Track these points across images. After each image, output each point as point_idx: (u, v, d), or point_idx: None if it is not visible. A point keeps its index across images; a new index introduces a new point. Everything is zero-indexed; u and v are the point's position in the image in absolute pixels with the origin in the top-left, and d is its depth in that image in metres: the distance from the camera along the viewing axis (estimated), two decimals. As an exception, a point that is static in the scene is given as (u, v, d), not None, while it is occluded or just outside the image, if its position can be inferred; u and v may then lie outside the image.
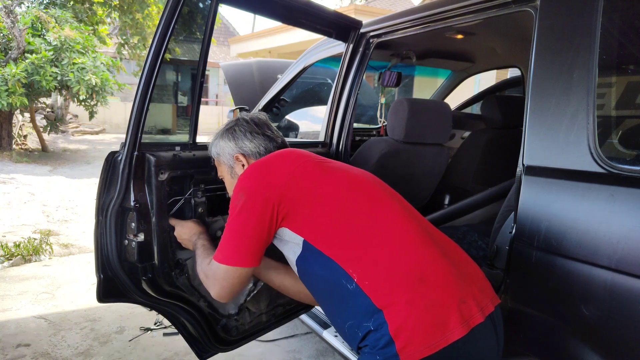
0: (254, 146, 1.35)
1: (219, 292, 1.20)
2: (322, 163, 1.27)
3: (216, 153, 1.41)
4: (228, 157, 1.38)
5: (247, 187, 1.19)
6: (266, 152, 1.35)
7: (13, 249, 3.98)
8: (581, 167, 1.17)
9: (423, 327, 0.97)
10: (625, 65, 1.34)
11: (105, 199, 1.42)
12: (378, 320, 1.00)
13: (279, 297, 1.91)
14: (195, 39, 16.69)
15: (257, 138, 1.36)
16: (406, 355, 0.96)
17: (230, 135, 1.38)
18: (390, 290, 1.02)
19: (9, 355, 2.46)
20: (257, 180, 1.19)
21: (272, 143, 1.37)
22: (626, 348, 1.07)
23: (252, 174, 1.22)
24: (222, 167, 1.42)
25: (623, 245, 1.05)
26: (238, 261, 1.17)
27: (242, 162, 1.36)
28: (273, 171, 1.20)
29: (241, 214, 1.17)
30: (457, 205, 2.37)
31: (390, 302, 1.00)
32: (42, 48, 8.38)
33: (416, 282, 1.02)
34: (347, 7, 13.71)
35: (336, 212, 1.14)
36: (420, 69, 3.91)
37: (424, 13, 1.87)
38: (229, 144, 1.37)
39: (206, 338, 1.68)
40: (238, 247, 1.17)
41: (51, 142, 11.60)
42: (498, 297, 1.16)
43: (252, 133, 1.36)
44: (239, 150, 1.36)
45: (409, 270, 1.04)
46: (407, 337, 0.96)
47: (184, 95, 20.94)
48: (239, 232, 1.17)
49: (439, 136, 2.44)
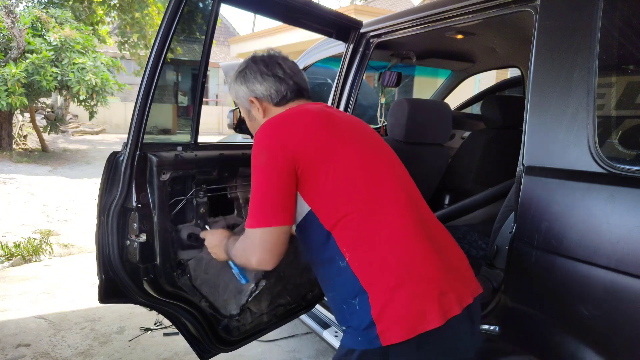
0: (264, 89, 1.30)
1: (261, 258, 1.13)
2: (342, 134, 1.21)
3: (234, 96, 1.38)
4: (243, 101, 1.35)
5: (266, 145, 1.15)
6: (277, 94, 1.30)
7: (13, 249, 3.98)
8: (581, 167, 1.17)
9: (403, 315, 1.05)
10: (625, 65, 1.35)
11: (107, 199, 1.43)
12: (363, 301, 1.07)
13: (279, 298, 1.92)
14: (197, 39, 16.67)
15: (267, 80, 1.30)
16: (385, 337, 1.04)
17: (242, 79, 1.33)
18: (378, 276, 1.08)
19: (9, 355, 2.46)
20: (277, 139, 1.15)
21: (283, 85, 1.30)
22: (626, 348, 1.08)
23: (271, 132, 1.17)
24: (242, 109, 1.40)
25: (623, 245, 1.05)
26: (274, 220, 1.11)
27: (256, 105, 1.32)
28: (293, 131, 1.16)
29: (264, 173, 1.13)
30: (457, 205, 2.37)
31: (377, 288, 1.07)
32: (42, 48, 8.37)
33: (403, 274, 1.07)
34: (347, 7, 13.71)
35: (343, 188, 1.13)
36: (420, 69, 3.91)
37: (424, 13, 1.87)
38: (242, 87, 1.33)
39: (207, 338, 1.68)
40: (268, 207, 1.12)
41: (51, 142, 11.60)
42: (481, 287, 1.21)
43: (262, 75, 1.30)
44: (251, 93, 1.32)
45: (399, 260, 1.09)
46: (388, 322, 1.04)
47: (185, 96, 20.98)
48: (267, 190, 1.12)
49: (439, 136, 2.44)
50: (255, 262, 1.14)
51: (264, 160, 1.13)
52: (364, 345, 1.07)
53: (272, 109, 1.32)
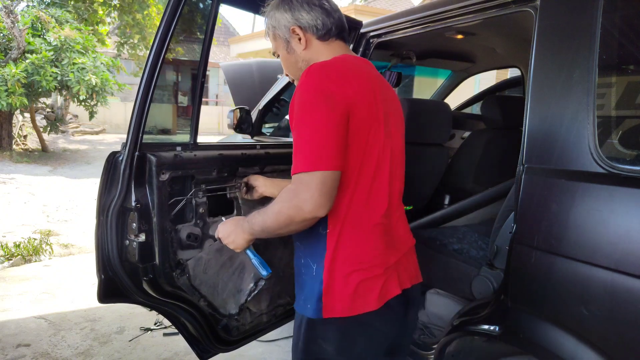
0: (311, 18, 1.22)
1: (318, 202, 1.03)
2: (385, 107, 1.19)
3: (272, 26, 1.28)
4: (284, 30, 1.25)
5: (327, 86, 1.07)
6: (323, 27, 1.23)
7: (13, 249, 3.98)
8: (581, 167, 1.17)
9: (349, 294, 1.13)
10: (625, 65, 1.35)
11: (107, 199, 1.43)
12: (318, 272, 1.15)
13: (279, 297, 1.92)
14: (196, 39, 16.59)
15: (314, 10, 1.23)
16: (327, 311, 1.14)
17: (286, 6, 1.24)
18: (344, 258, 1.14)
19: (9, 355, 2.46)
20: (339, 85, 1.08)
21: (329, 18, 1.24)
22: (626, 348, 1.08)
23: (333, 76, 1.09)
24: (278, 41, 1.29)
25: (623, 245, 1.05)
26: (334, 163, 1.04)
27: (298, 35, 1.24)
28: (354, 85, 1.10)
29: (329, 115, 1.05)
30: (457, 205, 2.37)
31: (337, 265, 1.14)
32: (42, 48, 8.37)
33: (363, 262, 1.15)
34: (347, 7, 13.69)
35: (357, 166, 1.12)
36: (420, 69, 3.91)
37: (424, 13, 1.87)
38: (285, 15, 1.24)
39: (207, 338, 1.68)
40: (328, 149, 1.04)
41: (51, 142, 11.60)
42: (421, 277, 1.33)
43: (310, 4, 1.23)
44: (295, 22, 1.23)
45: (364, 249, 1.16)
46: (334, 298, 1.13)
47: (184, 96, 20.98)
48: (329, 133, 1.05)
49: (439, 136, 2.44)
50: (311, 207, 1.04)
51: (323, 103, 1.05)
52: (311, 314, 1.16)
53: (314, 43, 1.25)
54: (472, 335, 1.50)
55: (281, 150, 1.88)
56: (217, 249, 1.65)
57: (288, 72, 1.34)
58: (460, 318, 1.56)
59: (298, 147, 1.07)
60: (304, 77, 1.11)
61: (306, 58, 1.25)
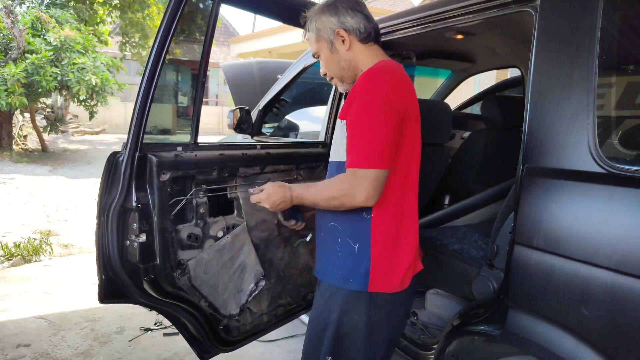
0: (355, 22, 1.35)
1: (370, 195, 1.21)
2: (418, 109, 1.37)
3: (316, 28, 1.40)
4: (329, 32, 1.37)
5: (388, 93, 1.23)
6: (365, 31, 1.36)
7: (13, 249, 3.98)
8: (581, 167, 1.17)
9: (392, 273, 1.30)
10: (625, 65, 1.35)
11: (107, 200, 1.43)
12: (364, 250, 1.29)
13: (280, 298, 1.92)
14: (196, 39, 16.57)
15: (357, 15, 1.36)
16: (374, 285, 1.28)
17: (332, 10, 1.37)
18: (386, 239, 1.29)
19: (9, 355, 2.46)
20: (398, 93, 1.25)
21: (370, 23, 1.38)
22: (626, 348, 1.08)
23: (395, 85, 1.26)
24: (321, 43, 1.41)
25: (623, 246, 1.05)
26: (386, 163, 1.22)
27: (342, 37, 1.36)
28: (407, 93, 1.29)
29: (387, 116, 1.21)
30: (457, 205, 2.37)
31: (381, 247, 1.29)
32: (42, 48, 8.38)
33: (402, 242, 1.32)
34: (347, 7, 13.68)
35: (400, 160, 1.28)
36: (420, 69, 3.91)
37: (424, 13, 1.87)
38: (331, 18, 1.37)
39: (207, 339, 1.68)
40: (385, 150, 1.21)
41: (51, 142, 11.60)
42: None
43: (354, 9, 1.37)
44: (340, 25, 1.36)
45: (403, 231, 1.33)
46: (379, 275, 1.28)
47: (184, 96, 20.98)
48: (385, 136, 1.21)
49: (439, 136, 2.44)
50: (363, 199, 1.22)
51: (388, 107, 1.21)
52: (353, 286, 1.28)
53: (357, 45, 1.38)
54: (472, 336, 1.51)
55: (282, 150, 1.87)
56: (218, 249, 1.65)
57: (328, 71, 1.45)
58: (460, 318, 1.56)
59: (357, 144, 1.22)
60: (366, 80, 1.26)
61: (349, 58, 1.38)
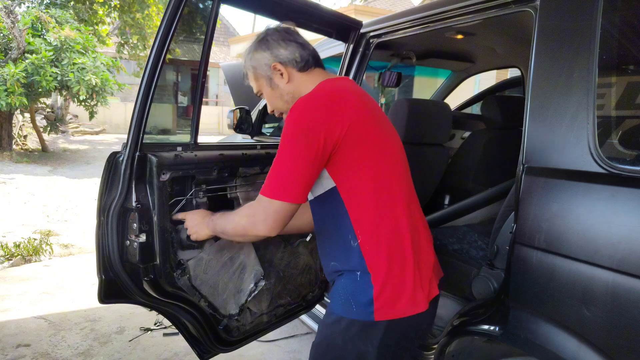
0: (289, 53, 1.31)
1: (271, 227, 1.16)
2: (377, 117, 1.27)
3: (252, 67, 1.36)
4: (265, 68, 1.33)
5: (311, 121, 1.14)
6: (302, 59, 1.31)
7: (13, 249, 3.98)
8: (581, 167, 1.17)
9: (398, 297, 1.19)
10: (625, 65, 1.35)
11: (107, 200, 1.43)
12: (364, 279, 1.19)
13: (279, 298, 1.92)
14: (196, 39, 16.58)
15: (290, 45, 1.32)
16: (380, 314, 1.17)
17: (264, 46, 1.33)
18: (383, 261, 1.19)
19: (9, 356, 2.46)
20: (324, 117, 1.15)
21: (305, 50, 1.33)
22: (627, 349, 1.08)
23: (317, 109, 1.17)
24: (260, 80, 1.37)
25: (624, 246, 1.05)
26: (294, 197, 1.14)
27: (280, 70, 1.32)
28: (339, 110, 1.17)
29: (303, 150, 1.13)
30: (457, 205, 2.37)
31: (380, 271, 1.18)
32: (42, 48, 8.37)
33: (403, 260, 1.20)
34: (346, 7, 13.71)
35: (371, 173, 1.20)
36: (420, 69, 3.91)
37: (424, 13, 1.87)
38: (264, 54, 1.32)
39: (207, 339, 1.68)
40: (295, 183, 1.14)
41: (51, 142, 11.60)
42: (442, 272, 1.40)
43: (285, 40, 1.32)
44: (275, 59, 1.31)
45: (400, 250, 1.21)
46: (385, 301, 1.17)
47: (184, 96, 20.98)
48: (298, 167, 1.14)
49: (439, 136, 2.44)
50: (262, 230, 1.18)
51: (305, 139, 1.13)
52: (357, 316, 1.19)
53: (296, 75, 1.33)
54: (472, 336, 1.50)
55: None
56: (218, 249, 1.65)
57: (274, 108, 1.40)
58: (460, 318, 1.56)
59: (270, 173, 1.17)
60: (290, 112, 1.18)
61: (290, 90, 1.32)
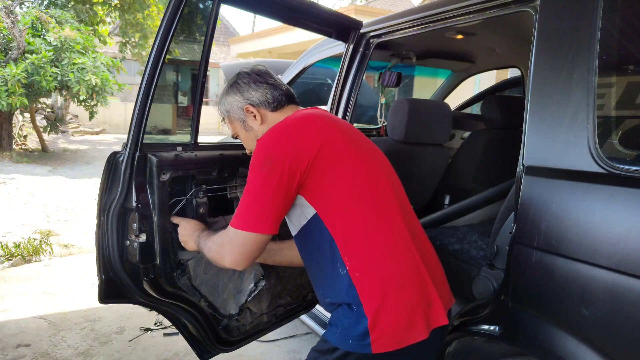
0: (260, 95, 1.33)
1: (236, 259, 1.15)
2: (349, 136, 1.25)
3: (225, 111, 1.39)
4: (238, 112, 1.36)
5: (274, 149, 1.14)
6: (274, 100, 1.33)
7: (13, 249, 3.98)
8: (581, 167, 1.17)
9: (396, 326, 1.10)
10: (625, 65, 1.35)
11: (107, 200, 1.43)
12: (358, 309, 1.11)
13: (279, 298, 1.92)
14: (197, 39, 16.59)
15: (261, 87, 1.34)
16: (377, 346, 1.08)
17: (235, 89, 1.36)
18: (375, 289, 1.11)
19: (9, 356, 2.46)
20: (287, 144, 1.14)
21: (277, 91, 1.35)
22: (627, 349, 1.08)
23: (280, 136, 1.17)
24: (235, 123, 1.40)
25: (623, 246, 1.05)
26: (259, 227, 1.12)
27: (252, 112, 1.34)
28: (304, 136, 1.16)
29: (267, 178, 1.11)
30: (457, 205, 2.37)
31: (372, 299, 1.10)
32: (42, 48, 8.37)
33: (399, 286, 1.12)
34: (346, 7, 13.71)
35: (351, 193, 1.15)
36: (420, 69, 3.91)
37: (424, 13, 1.87)
38: (236, 97, 1.35)
39: (207, 338, 1.68)
40: (260, 213, 1.12)
41: (51, 142, 11.60)
42: (453, 298, 1.30)
43: (256, 83, 1.34)
44: (246, 101, 1.34)
45: (394, 273, 1.13)
46: (381, 332, 1.09)
47: (185, 96, 20.98)
48: (262, 197, 1.12)
49: (439, 136, 2.44)
50: (229, 262, 1.17)
51: (268, 167, 1.12)
52: (353, 349, 1.11)
53: (269, 115, 1.34)
54: (472, 336, 1.50)
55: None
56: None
57: (250, 149, 1.40)
58: (460, 318, 1.56)
59: (239, 204, 1.17)
60: (256, 144, 1.18)
61: (264, 131, 1.29)
